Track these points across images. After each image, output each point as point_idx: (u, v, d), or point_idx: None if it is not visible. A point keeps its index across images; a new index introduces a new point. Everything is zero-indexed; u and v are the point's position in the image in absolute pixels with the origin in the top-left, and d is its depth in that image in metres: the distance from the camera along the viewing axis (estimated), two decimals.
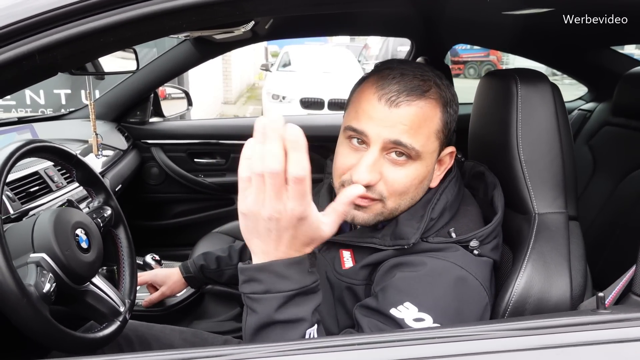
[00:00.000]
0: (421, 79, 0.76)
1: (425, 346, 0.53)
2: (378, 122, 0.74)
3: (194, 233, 2.15)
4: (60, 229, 0.88)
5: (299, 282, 0.62)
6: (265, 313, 0.63)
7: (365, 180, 0.74)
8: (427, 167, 0.78)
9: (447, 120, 0.78)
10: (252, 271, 0.63)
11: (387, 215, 0.80)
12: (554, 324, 0.50)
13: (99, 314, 0.95)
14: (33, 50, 0.53)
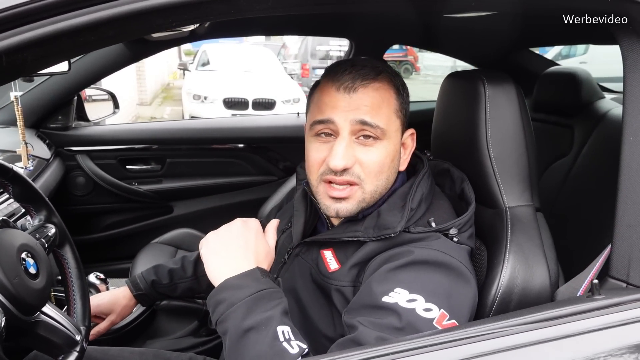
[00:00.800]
0: (370, 67, 0.82)
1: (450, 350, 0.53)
2: (341, 108, 0.79)
3: (131, 245, 2.01)
4: (5, 255, 0.77)
5: (255, 287, 0.71)
6: (234, 326, 0.69)
7: (341, 164, 0.78)
8: (395, 146, 0.83)
9: (401, 101, 0.84)
10: (214, 295, 0.73)
11: (368, 201, 0.82)
12: (564, 313, 0.53)
13: (53, 346, 0.84)
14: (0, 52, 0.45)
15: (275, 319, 0.69)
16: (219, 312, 0.71)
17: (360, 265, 0.80)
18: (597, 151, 1.75)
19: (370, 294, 0.72)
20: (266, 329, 0.67)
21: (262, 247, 0.79)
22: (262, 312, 0.69)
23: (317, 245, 0.89)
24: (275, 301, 0.71)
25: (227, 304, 0.70)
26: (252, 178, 2.24)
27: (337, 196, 0.81)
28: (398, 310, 0.68)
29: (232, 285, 0.71)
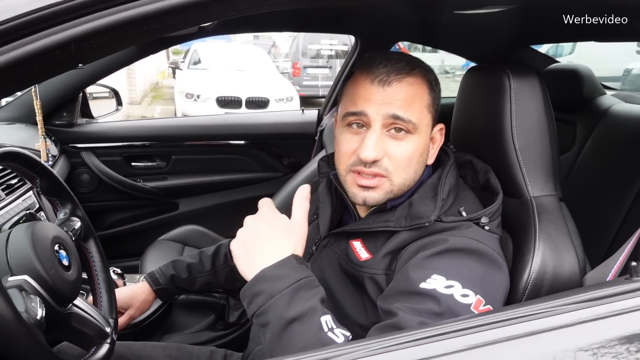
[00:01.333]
0: (405, 61, 0.83)
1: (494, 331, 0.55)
2: (375, 101, 0.80)
3: (138, 242, 2.00)
4: (40, 247, 0.77)
5: (294, 277, 0.70)
6: (277, 317, 0.67)
7: (372, 156, 0.79)
8: (424, 140, 0.84)
9: (434, 96, 0.85)
10: (250, 287, 0.71)
11: (396, 192, 0.84)
12: (609, 293, 0.55)
13: (85, 338, 0.85)
14: (70, 39, 0.46)
15: (318, 308, 0.69)
16: (257, 304, 0.69)
17: (393, 254, 0.81)
18: (600, 146, 1.79)
19: (407, 281, 0.73)
20: (310, 320, 0.67)
21: (291, 227, 0.76)
22: (304, 302, 0.68)
23: (345, 236, 0.90)
24: (313, 290, 0.71)
25: (266, 295, 0.69)
26: (257, 175, 2.24)
27: (365, 185, 0.82)
28: (437, 296, 0.70)
29: (270, 276, 0.70)
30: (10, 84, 0.47)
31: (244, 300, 0.73)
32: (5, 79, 0.45)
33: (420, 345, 0.49)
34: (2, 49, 0.44)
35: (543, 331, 0.54)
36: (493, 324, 0.56)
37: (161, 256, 1.71)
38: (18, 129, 1.71)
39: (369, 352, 0.47)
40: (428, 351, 0.49)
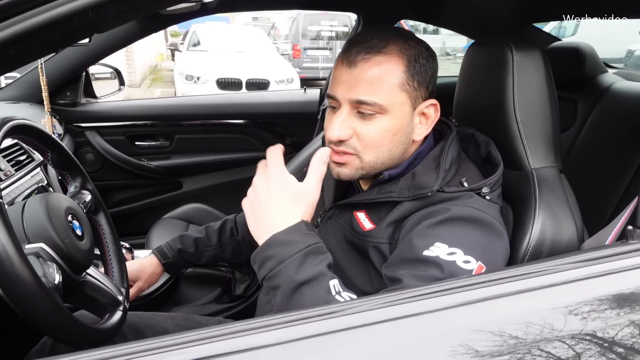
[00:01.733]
0: (380, 38, 0.81)
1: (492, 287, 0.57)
2: (343, 84, 0.82)
3: (142, 220, 2.03)
4: (55, 216, 0.79)
5: (304, 243, 0.71)
6: (287, 281, 0.70)
7: (334, 136, 0.82)
8: (399, 120, 0.83)
9: (412, 73, 0.82)
10: (261, 252, 0.73)
11: (368, 169, 0.85)
12: (603, 254, 0.57)
13: (99, 306, 0.88)
14: (87, 6, 0.47)
15: (326, 273, 0.71)
16: (267, 268, 0.72)
17: (396, 223, 0.84)
18: (600, 123, 1.81)
19: (411, 249, 0.76)
20: (318, 284, 0.69)
21: (301, 192, 0.75)
22: (312, 267, 0.70)
23: (350, 207, 0.93)
24: (322, 256, 0.73)
25: (276, 260, 0.71)
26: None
27: (336, 161, 0.85)
28: (440, 263, 0.72)
29: (280, 241, 0.72)
30: (31, 50, 0.48)
31: (254, 264, 0.75)
32: (26, 46, 0.47)
33: (422, 301, 0.51)
34: (22, 15, 0.45)
35: (539, 288, 0.57)
36: (492, 281, 0.58)
37: (166, 233, 1.74)
38: (23, 108, 1.72)
39: (372, 306, 0.49)
40: (429, 305, 0.51)
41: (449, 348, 0.49)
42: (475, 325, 0.51)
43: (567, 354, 0.53)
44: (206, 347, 0.45)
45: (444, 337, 0.50)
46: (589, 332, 0.55)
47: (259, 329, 0.46)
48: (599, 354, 0.54)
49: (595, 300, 0.55)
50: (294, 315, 0.48)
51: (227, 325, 0.48)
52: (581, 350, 0.54)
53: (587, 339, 0.54)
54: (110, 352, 0.50)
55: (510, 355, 0.51)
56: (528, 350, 0.52)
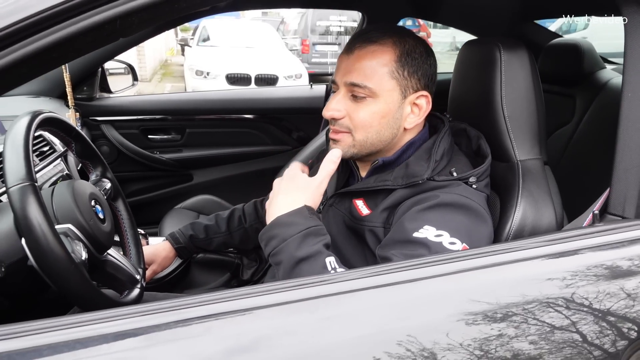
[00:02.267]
0: (378, 31, 0.92)
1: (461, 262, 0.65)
2: (341, 69, 0.93)
3: (155, 211, 2.12)
4: (81, 201, 0.88)
5: (304, 224, 0.81)
6: (288, 257, 0.79)
7: (328, 114, 0.93)
8: (388, 105, 0.91)
9: (403, 63, 0.90)
10: (266, 231, 0.83)
11: (359, 148, 0.94)
12: (571, 235, 0.65)
13: (119, 283, 0.96)
14: (116, 15, 0.55)
15: (323, 251, 0.80)
16: (272, 246, 0.82)
17: (390, 209, 0.91)
18: (597, 118, 1.86)
19: (402, 231, 0.83)
20: (316, 260, 0.78)
21: (309, 184, 0.87)
22: (310, 246, 0.79)
23: (350, 195, 1.00)
24: (320, 237, 0.82)
25: (279, 239, 0.81)
26: (267, 147, 2.34)
27: (332, 137, 0.95)
28: (427, 244, 0.80)
29: (283, 222, 0.82)
30: (69, 53, 0.56)
31: (261, 242, 0.85)
32: (65, 50, 0.55)
33: (407, 271, 0.59)
34: (62, 24, 0.53)
35: (514, 261, 0.64)
36: (473, 254, 0.66)
37: (178, 223, 1.82)
38: (43, 102, 1.82)
39: (358, 275, 0.57)
40: (412, 275, 0.59)
41: (419, 308, 0.56)
42: (441, 292, 0.59)
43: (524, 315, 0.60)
44: (216, 305, 0.53)
45: (418, 300, 0.58)
46: (554, 296, 0.62)
47: (261, 293, 0.54)
48: (563, 315, 0.61)
49: (561, 272, 0.62)
50: (291, 282, 0.56)
51: (235, 290, 0.56)
52: (544, 312, 0.62)
53: (549, 304, 0.61)
54: (134, 309, 0.58)
55: (484, 315, 0.59)
56: (504, 313, 0.60)
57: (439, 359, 0.54)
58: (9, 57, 0.52)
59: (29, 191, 0.71)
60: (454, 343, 0.55)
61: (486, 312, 0.58)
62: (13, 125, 0.80)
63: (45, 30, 0.53)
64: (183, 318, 0.53)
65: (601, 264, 0.65)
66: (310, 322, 0.53)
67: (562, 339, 0.58)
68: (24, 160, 0.73)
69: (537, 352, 0.56)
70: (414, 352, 0.53)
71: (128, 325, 0.55)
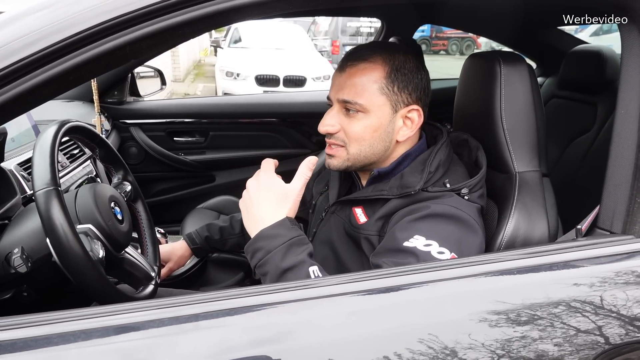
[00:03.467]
0: (368, 49, 0.96)
1: (448, 270, 0.68)
2: (335, 86, 0.97)
3: (178, 210, 2.22)
4: (101, 203, 0.95)
5: (287, 236, 0.84)
6: (273, 268, 0.82)
7: (323, 128, 0.98)
8: (379, 119, 0.94)
9: (393, 79, 0.94)
10: (251, 244, 0.86)
11: (353, 161, 0.98)
12: (555, 248, 0.67)
13: (135, 279, 1.04)
14: (126, 42, 0.62)
15: (306, 261, 0.83)
16: (257, 258, 0.84)
17: (385, 218, 0.95)
18: None
19: (393, 240, 0.87)
20: (300, 270, 0.81)
21: (287, 193, 0.88)
22: (295, 256, 0.82)
23: (350, 203, 1.05)
24: (303, 247, 0.85)
25: (264, 251, 0.83)
26: (287, 151, 2.40)
27: (328, 152, 1.00)
28: (416, 252, 0.83)
29: (267, 235, 0.84)
30: (84, 75, 0.63)
31: (247, 255, 0.88)
32: (80, 73, 0.62)
33: (393, 277, 0.63)
34: (78, 51, 0.60)
35: (502, 272, 0.67)
36: (459, 264, 0.69)
37: (199, 222, 1.91)
38: (76, 106, 1.94)
39: (339, 281, 0.62)
40: (397, 281, 0.63)
41: (395, 314, 0.61)
42: (416, 299, 0.63)
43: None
44: (204, 305, 0.59)
45: (396, 307, 0.62)
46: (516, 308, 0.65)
47: (249, 294, 0.60)
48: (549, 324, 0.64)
49: (530, 283, 0.65)
50: (276, 285, 0.62)
51: (224, 291, 0.62)
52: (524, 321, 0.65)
53: (522, 314, 0.64)
54: (148, 303, 0.64)
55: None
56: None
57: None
58: (33, 81, 0.60)
59: (53, 195, 0.79)
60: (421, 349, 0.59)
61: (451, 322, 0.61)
62: (42, 133, 0.88)
63: (63, 57, 0.60)
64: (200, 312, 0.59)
65: (580, 277, 0.67)
66: (309, 320, 0.58)
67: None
68: (50, 167, 0.81)
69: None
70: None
71: (144, 317, 0.62)
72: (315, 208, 1.20)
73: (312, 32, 13.05)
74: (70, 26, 0.60)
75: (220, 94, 7.10)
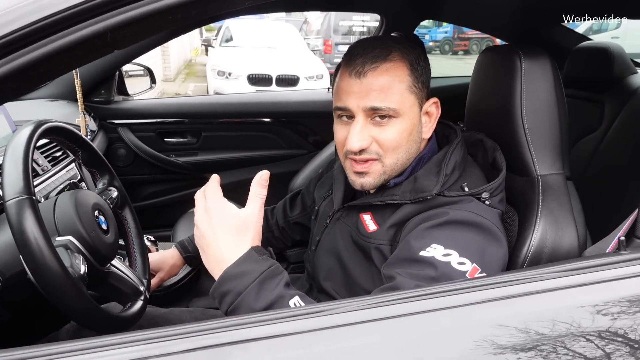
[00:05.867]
0: (381, 47, 0.85)
1: (479, 293, 0.60)
2: (354, 94, 0.84)
3: (169, 214, 2.12)
4: (83, 212, 0.86)
5: (257, 271, 0.73)
6: (248, 311, 0.71)
7: (356, 146, 0.85)
8: (412, 120, 0.87)
9: (416, 75, 0.87)
10: (217, 288, 0.74)
11: (389, 173, 0.88)
12: (593, 264, 0.59)
13: (122, 295, 0.95)
14: (106, 28, 0.53)
15: (285, 294, 0.72)
16: (227, 303, 0.73)
17: (397, 225, 0.87)
18: (627, 126, 1.76)
19: (408, 249, 0.79)
20: (279, 306, 0.71)
21: (244, 220, 0.76)
22: (270, 292, 0.72)
23: (357, 209, 0.96)
24: (277, 278, 0.74)
25: (233, 294, 0.72)
26: (283, 151, 2.31)
27: (359, 171, 0.88)
28: (434, 263, 0.75)
29: (234, 274, 0.73)
30: (58, 67, 0.54)
31: (214, 300, 0.75)
32: (53, 64, 0.53)
33: (406, 303, 0.55)
34: (49, 39, 0.51)
35: (526, 294, 0.59)
36: (485, 285, 0.61)
37: (192, 227, 1.79)
38: (60, 105, 1.83)
39: (357, 307, 0.53)
40: (412, 308, 0.54)
41: (422, 346, 0.52)
42: (446, 328, 0.55)
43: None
44: (200, 339, 0.50)
45: (420, 337, 0.54)
46: (573, 334, 0.57)
47: (252, 324, 0.51)
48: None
49: (578, 308, 0.57)
50: (285, 313, 0.53)
51: (224, 319, 0.53)
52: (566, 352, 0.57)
53: (569, 343, 0.56)
54: (124, 337, 0.55)
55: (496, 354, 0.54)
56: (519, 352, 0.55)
57: None
58: None
59: (26, 205, 0.70)
60: None
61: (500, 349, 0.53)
62: (15, 135, 0.79)
63: (31, 45, 0.51)
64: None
65: (629, 296, 0.59)
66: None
67: None
68: (22, 173, 0.72)
69: None
70: None
71: (126, 355, 0.52)
72: (319, 214, 1.11)
73: (304, 31, 12.96)
74: (39, 10, 0.51)
75: (212, 94, 6.98)
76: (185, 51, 14.03)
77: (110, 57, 1.87)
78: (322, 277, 1.00)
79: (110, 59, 1.88)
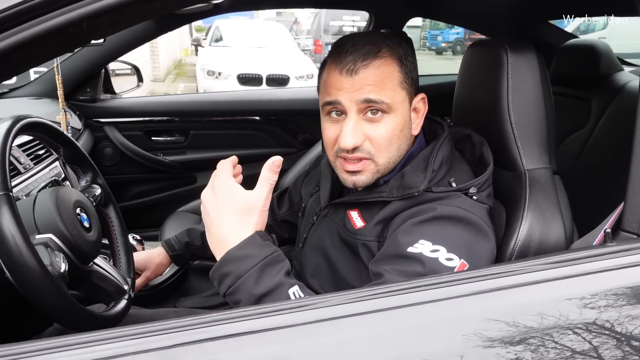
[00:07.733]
0: (370, 44, 0.83)
1: (464, 285, 0.59)
2: (346, 90, 0.83)
3: (157, 214, 2.10)
4: (64, 209, 0.84)
5: (259, 255, 0.72)
6: (247, 295, 0.70)
7: (350, 144, 0.82)
8: (403, 116, 0.86)
9: (406, 71, 0.86)
10: (218, 269, 0.74)
11: (383, 171, 0.87)
12: (580, 256, 0.59)
13: (105, 294, 0.93)
14: (82, 17, 0.51)
15: (285, 282, 0.72)
16: (226, 285, 0.72)
17: (385, 222, 0.86)
18: (614, 123, 1.77)
19: (396, 246, 0.78)
20: (278, 294, 0.71)
21: (251, 203, 0.74)
22: (270, 278, 0.71)
23: (344, 206, 0.95)
24: (279, 265, 0.74)
25: (233, 276, 0.71)
26: (272, 150, 2.29)
27: (351, 170, 0.86)
28: (422, 259, 0.74)
29: (235, 257, 0.72)
30: (32, 57, 0.53)
31: (213, 281, 0.75)
32: (26, 54, 0.51)
33: (390, 297, 0.54)
34: (21, 27, 0.49)
35: (514, 286, 0.59)
36: (472, 278, 0.60)
37: (179, 226, 1.80)
38: (44, 104, 1.80)
39: (341, 301, 0.52)
40: (396, 301, 0.54)
41: (409, 340, 0.51)
42: (434, 321, 0.54)
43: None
44: (180, 335, 0.49)
45: (408, 331, 0.53)
46: (555, 326, 0.56)
47: (233, 319, 0.50)
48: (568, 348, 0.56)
49: (565, 300, 0.56)
50: (266, 308, 0.51)
51: (204, 315, 0.52)
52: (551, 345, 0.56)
53: (551, 334, 0.56)
54: (108, 334, 0.54)
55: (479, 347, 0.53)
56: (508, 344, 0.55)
57: None
58: None
59: (2, 201, 0.68)
60: None
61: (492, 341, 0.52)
62: None
63: (1, 34, 0.49)
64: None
65: (615, 288, 0.59)
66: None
67: None
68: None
69: None
70: None
71: (106, 352, 0.51)
72: (306, 211, 1.10)
73: (294, 31, 12.94)
74: None
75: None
76: (175, 51, 13.94)
77: (95, 55, 1.85)
78: (309, 275, 0.99)
79: (95, 56, 1.85)
